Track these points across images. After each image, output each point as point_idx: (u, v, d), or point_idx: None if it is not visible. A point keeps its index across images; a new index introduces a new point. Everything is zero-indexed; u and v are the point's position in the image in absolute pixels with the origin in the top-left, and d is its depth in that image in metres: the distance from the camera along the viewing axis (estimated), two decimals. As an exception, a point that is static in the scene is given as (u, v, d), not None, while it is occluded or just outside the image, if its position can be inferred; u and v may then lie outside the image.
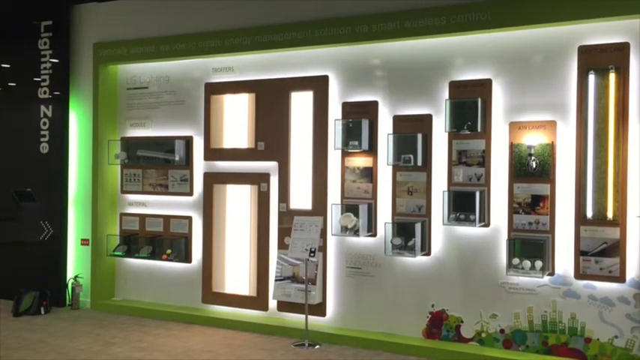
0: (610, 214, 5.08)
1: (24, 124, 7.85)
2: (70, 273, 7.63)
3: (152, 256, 7.24)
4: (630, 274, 5.06)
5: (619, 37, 5.10)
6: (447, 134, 5.71)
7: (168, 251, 7.15)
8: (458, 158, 5.68)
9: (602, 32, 5.17)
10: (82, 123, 7.66)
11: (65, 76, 7.66)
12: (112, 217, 7.58)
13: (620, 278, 5.05)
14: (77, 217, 7.68)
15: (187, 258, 7.11)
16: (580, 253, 5.18)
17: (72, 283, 7.52)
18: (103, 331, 6.54)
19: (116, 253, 7.45)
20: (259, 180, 6.70)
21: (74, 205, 7.70)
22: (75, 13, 7.71)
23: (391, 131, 5.97)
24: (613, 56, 5.08)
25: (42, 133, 7.71)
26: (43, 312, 7.25)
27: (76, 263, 7.68)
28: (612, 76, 5.07)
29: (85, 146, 7.61)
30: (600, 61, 5.12)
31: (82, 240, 7.64)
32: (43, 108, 7.71)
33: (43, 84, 7.71)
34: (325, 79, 6.34)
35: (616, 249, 5.05)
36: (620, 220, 5.05)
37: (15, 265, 7.80)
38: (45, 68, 7.70)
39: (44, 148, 7.72)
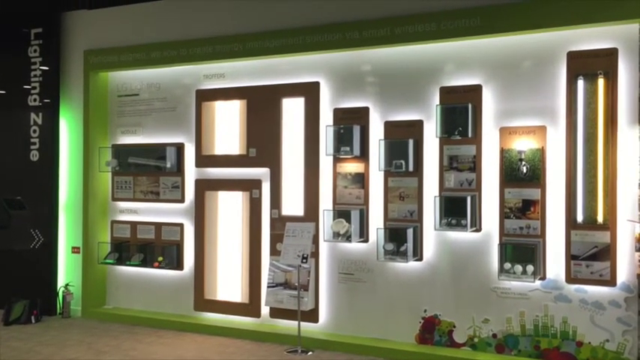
0: (600, 218, 5.11)
1: (14, 131, 7.80)
2: (61, 281, 7.59)
3: (144, 263, 7.21)
4: (621, 277, 5.09)
5: (608, 42, 5.15)
6: (438, 139, 5.74)
7: (160, 259, 7.13)
8: (449, 163, 5.70)
9: (591, 38, 5.21)
10: (72, 130, 7.64)
11: (55, 84, 7.64)
12: (103, 224, 7.54)
13: (611, 282, 5.08)
14: (68, 225, 7.64)
15: (179, 265, 7.09)
16: (571, 257, 5.20)
17: (63, 292, 7.48)
18: (94, 340, 6.50)
19: (107, 260, 7.42)
20: (251, 186, 6.69)
21: (65, 213, 7.66)
22: (65, 21, 7.69)
23: (382, 137, 5.98)
24: (602, 62, 5.12)
25: (32, 140, 7.67)
26: (33, 321, 7.19)
27: (66, 271, 7.63)
28: (601, 82, 5.11)
29: (76, 154, 7.58)
30: (589, 66, 5.16)
31: (72, 248, 7.60)
32: (33, 115, 7.68)
33: (33, 91, 7.68)
34: (316, 85, 6.35)
35: (606, 253, 5.08)
36: (610, 224, 5.08)
37: (5, 274, 7.74)
38: (35, 76, 7.68)
39: (34, 155, 7.68)
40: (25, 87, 7.70)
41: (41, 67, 7.65)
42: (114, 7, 7.48)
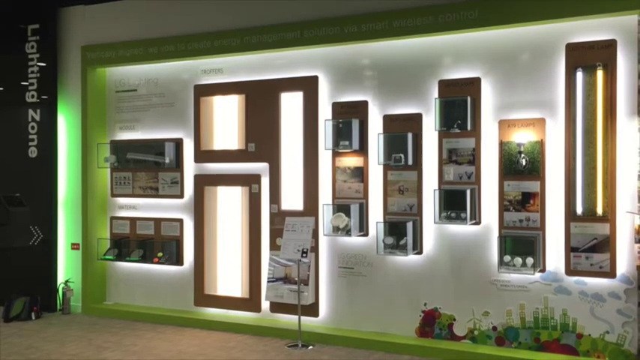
0: (600, 210, 5.11)
1: (12, 128, 7.79)
2: (61, 277, 7.59)
3: (143, 259, 7.21)
4: (620, 269, 5.10)
5: (606, 34, 5.14)
6: (437, 133, 5.73)
7: (160, 254, 7.12)
8: (448, 157, 5.70)
9: (589, 29, 5.20)
10: (70, 126, 7.62)
11: (53, 80, 7.61)
12: (103, 220, 7.54)
13: (611, 274, 5.09)
14: (67, 222, 7.63)
15: (179, 261, 7.09)
16: (570, 249, 5.21)
17: (63, 288, 7.48)
18: (94, 336, 6.50)
19: (107, 257, 7.42)
20: (250, 181, 6.69)
21: (64, 210, 7.65)
22: (62, 16, 7.66)
23: (381, 131, 5.98)
24: (600, 53, 5.11)
25: (30, 137, 7.66)
26: (33, 317, 7.20)
27: (66, 268, 7.63)
28: (600, 73, 5.10)
29: (74, 150, 7.57)
30: (588, 58, 5.15)
31: (72, 244, 7.59)
32: (31, 112, 7.66)
33: (30, 88, 7.66)
34: (315, 79, 6.34)
35: (606, 245, 5.09)
36: (609, 216, 5.08)
37: (5, 271, 7.74)
38: (32, 72, 7.65)
39: (33, 152, 7.67)
40: (23, 83, 7.69)
41: (38, 64, 7.63)
42: (111, 3, 7.44)
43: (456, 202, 5.56)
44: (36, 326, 6.94)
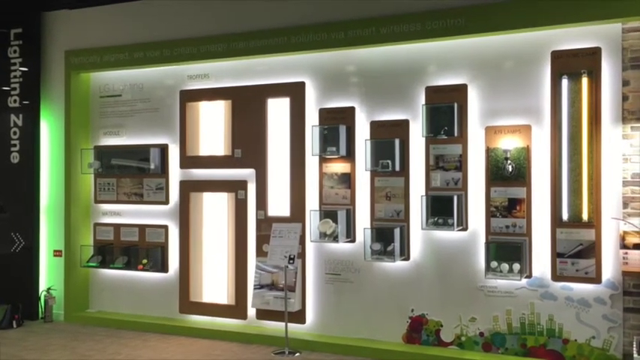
0: (585, 216, 5.15)
1: (-7, 133, 7.69)
2: (43, 285, 7.48)
3: (127, 266, 7.13)
4: (606, 275, 5.14)
5: (591, 42, 5.20)
6: (424, 139, 5.75)
7: (144, 261, 7.05)
8: (435, 163, 5.72)
9: (574, 37, 5.26)
10: (53, 132, 7.53)
11: (36, 85, 7.52)
12: (86, 227, 7.44)
13: (596, 279, 5.12)
14: (49, 228, 7.53)
15: (164, 268, 7.02)
16: (556, 255, 5.24)
17: (45, 296, 7.37)
18: (78, 344, 6.41)
19: (90, 264, 7.32)
20: (236, 187, 6.65)
21: (46, 216, 7.54)
22: (45, 21, 7.58)
23: (368, 137, 5.98)
24: (585, 61, 5.17)
25: (12, 142, 7.55)
26: (15, 326, 7.08)
27: (48, 275, 7.52)
28: (585, 81, 5.16)
29: (57, 155, 7.47)
30: (573, 65, 5.20)
31: (54, 251, 7.48)
32: (13, 117, 7.56)
33: (12, 93, 7.56)
34: (302, 85, 6.33)
35: (592, 250, 5.13)
36: (595, 222, 5.13)
37: (-15, 279, 7.61)
38: (15, 77, 7.55)
39: (15, 157, 7.56)
40: (5, 88, 7.58)
41: (21, 68, 7.53)
42: (95, 7, 7.37)
43: (443, 208, 5.58)
44: (17, 335, 6.82)
